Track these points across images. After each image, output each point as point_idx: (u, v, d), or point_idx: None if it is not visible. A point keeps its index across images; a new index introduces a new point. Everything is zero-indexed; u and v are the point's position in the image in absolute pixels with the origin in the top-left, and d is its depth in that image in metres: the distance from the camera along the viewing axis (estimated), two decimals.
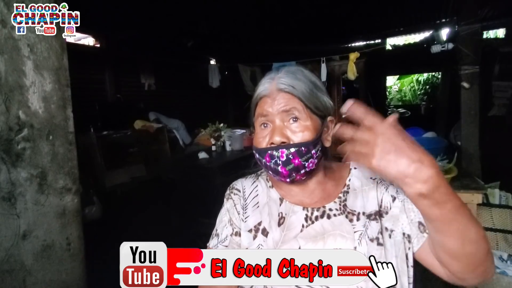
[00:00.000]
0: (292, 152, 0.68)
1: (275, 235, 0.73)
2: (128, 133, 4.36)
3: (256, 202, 0.79)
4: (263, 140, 0.73)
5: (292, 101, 0.71)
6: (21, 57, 1.11)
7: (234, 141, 3.75)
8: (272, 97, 0.72)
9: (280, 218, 0.75)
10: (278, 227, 0.74)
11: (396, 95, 10.07)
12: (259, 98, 0.75)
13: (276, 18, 4.37)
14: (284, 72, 0.74)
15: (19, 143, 1.08)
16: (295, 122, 0.71)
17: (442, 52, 3.47)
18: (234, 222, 0.78)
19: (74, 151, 1.24)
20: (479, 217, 2.16)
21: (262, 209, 0.78)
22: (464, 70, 2.66)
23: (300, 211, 0.74)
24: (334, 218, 0.72)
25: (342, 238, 0.69)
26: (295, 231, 0.72)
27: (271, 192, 0.80)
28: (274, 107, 0.71)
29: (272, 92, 0.72)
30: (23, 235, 1.09)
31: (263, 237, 0.73)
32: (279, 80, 0.72)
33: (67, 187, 1.21)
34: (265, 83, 0.74)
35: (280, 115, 0.71)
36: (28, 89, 1.11)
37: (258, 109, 0.75)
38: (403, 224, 0.70)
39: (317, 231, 0.71)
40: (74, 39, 4.64)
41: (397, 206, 0.72)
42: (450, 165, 2.07)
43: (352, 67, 4.40)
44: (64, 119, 1.21)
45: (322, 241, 0.70)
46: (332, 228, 0.71)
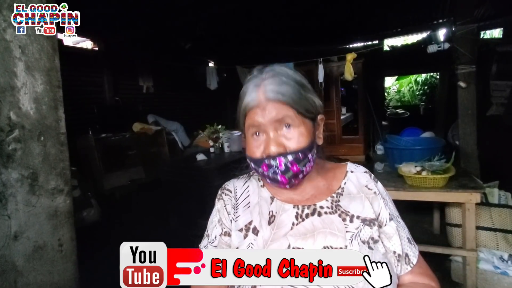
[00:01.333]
0: (290, 160, 0.68)
1: (265, 234, 0.72)
2: (127, 136, 4.36)
3: (248, 202, 0.79)
4: (257, 149, 0.71)
5: (283, 109, 0.68)
6: (12, 59, 1.11)
7: (232, 143, 3.74)
8: (261, 107, 0.69)
9: (271, 217, 0.74)
10: (268, 225, 0.73)
11: (394, 95, 10.08)
12: (248, 109, 0.71)
13: (274, 20, 4.38)
14: (269, 75, 0.71)
15: (10, 144, 1.08)
16: (288, 129, 0.69)
17: (439, 52, 3.47)
18: (224, 222, 0.78)
19: (66, 152, 1.24)
20: (478, 217, 2.15)
21: (253, 208, 0.77)
22: (461, 70, 2.66)
23: (291, 209, 0.74)
24: (325, 216, 0.72)
25: (332, 236, 0.69)
26: (285, 229, 0.72)
27: (262, 191, 0.80)
28: (266, 117, 0.68)
29: (261, 102, 0.69)
30: (14, 236, 1.08)
31: (253, 236, 0.73)
32: (266, 87, 0.69)
33: (59, 188, 1.21)
34: (251, 91, 0.71)
35: (273, 125, 0.69)
36: (20, 90, 1.11)
37: (248, 120, 0.72)
38: (395, 244, 0.71)
39: (307, 228, 0.71)
40: (73, 42, 4.66)
41: (393, 227, 0.73)
42: (448, 165, 2.06)
43: (349, 68, 4.40)
44: (56, 120, 1.20)
45: (312, 238, 0.69)
46: (322, 226, 0.70)
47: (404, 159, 2.22)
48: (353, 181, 0.78)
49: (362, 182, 0.78)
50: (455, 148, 2.79)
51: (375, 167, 2.52)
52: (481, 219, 2.20)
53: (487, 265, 2.03)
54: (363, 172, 0.81)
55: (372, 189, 0.77)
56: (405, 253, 0.72)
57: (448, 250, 2.18)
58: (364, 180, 0.79)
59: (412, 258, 0.73)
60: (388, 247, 0.71)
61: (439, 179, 1.96)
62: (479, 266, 2.03)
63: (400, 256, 0.71)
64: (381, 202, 0.75)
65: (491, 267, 2.01)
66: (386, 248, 0.70)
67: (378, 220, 0.73)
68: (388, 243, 0.71)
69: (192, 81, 5.83)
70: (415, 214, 3.15)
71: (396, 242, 0.71)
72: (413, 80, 9.21)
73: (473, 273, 2.00)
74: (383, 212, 0.74)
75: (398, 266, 0.71)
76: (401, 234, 0.73)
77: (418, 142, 2.42)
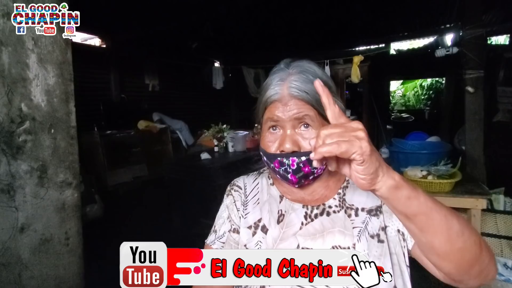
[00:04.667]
0: (303, 161, 0.66)
1: (274, 232, 0.72)
2: (132, 133, 4.37)
3: (257, 199, 0.79)
4: (272, 145, 0.70)
5: (304, 108, 0.67)
6: (25, 50, 1.11)
7: (237, 143, 3.74)
8: (283, 102, 0.67)
9: (280, 216, 0.74)
10: (277, 224, 0.73)
11: (399, 99, 10.04)
12: (269, 102, 0.70)
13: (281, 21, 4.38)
14: (296, 71, 0.69)
15: (20, 135, 1.08)
16: (306, 129, 0.68)
17: (447, 56, 3.46)
18: (233, 219, 0.78)
19: (75, 146, 1.24)
20: (483, 223, 2.13)
21: (263, 206, 0.77)
22: (469, 74, 2.64)
23: (300, 209, 0.73)
24: (333, 215, 0.71)
25: (341, 235, 0.68)
26: (294, 228, 0.71)
27: (272, 189, 0.79)
28: (286, 113, 0.67)
29: (284, 97, 0.67)
30: (21, 228, 1.08)
31: (262, 234, 0.73)
32: (291, 83, 0.67)
33: (68, 181, 1.21)
34: (276, 85, 0.69)
35: (292, 122, 0.67)
36: (31, 82, 1.12)
37: (268, 113, 0.70)
38: (396, 220, 0.68)
39: (316, 229, 0.70)
40: (81, 39, 4.69)
41: None
42: (454, 170, 2.04)
43: (356, 70, 4.40)
44: (66, 113, 1.21)
45: (321, 238, 0.68)
46: (331, 225, 0.70)
47: (410, 163, 2.21)
48: None
49: None
50: (461, 153, 2.77)
51: None
52: (486, 226, 2.18)
53: None
54: None
55: None
56: None
57: None
58: None
59: None
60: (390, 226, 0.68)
61: (445, 184, 1.95)
62: None
63: (403, 233, 0.68)
64: None
65: None
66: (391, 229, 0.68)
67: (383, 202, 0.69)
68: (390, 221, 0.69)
69: (197, 80, 5.84)
70: None
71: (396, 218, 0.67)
72: (418, 85, 9.17)
73: None
74: None
75: (405, 241, 0.67)
76: None
77: (424, 146, 2.41)
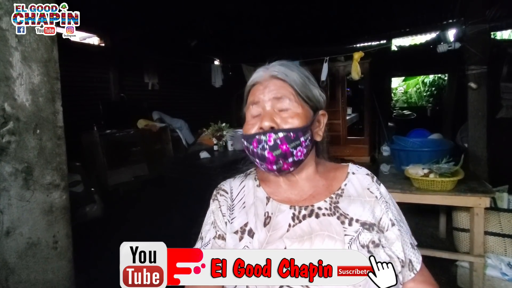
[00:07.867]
0: (280, 137, 0.66)
1: (261, 236, 0.69)
2: (131, 132, 4.36)
3: (243, 202, 0.76)
4: (252, 127, 0.71)
5: (284, 88, 0.71)
6: (8, 48, 1.08)
7: (236, 141, 3.71)
8: (264, 84, 0.72)
9: (266, 218, 0.71)
10: (263, 227, 0.70)
11: (401, 96, 9.95)
12: (251, 85, 0.75)
13: (282, 19, 4.34)
14: (277, 63, 0.75)
15: (4, 136, 1.05)
16: (285, 109, 0.70)
17: (449, 52, 3.39)
18: (218, 224, 0.74)
19: (63, 146, 1.20)
20: (486, 222, 2.09)
21: (249, 209, 0.74)
22: (472, 70, 2.59)
23: (287, 210, 0.71)
24: (322, 218, 0.69)
25: (330, 240, 0.65)
26: (281, 231, 0.68)
27: (258, 191, 0.77)
28: (266, 94, 0.71)
29: (265, 79, 0.72)
30: (6, 232, 1.05)
31: (249, 238, 0.69)
32: (273, 68, 0.73)
33: (55, 183, 1.17)
34: (259, 71, 0.75)
35: (271, 101, 0.70)
36: (15, 80, 1.08)
37: (250, 97, 0.74)
38: (397, 250, 0.68)
39: (304, 230, 0.67)
40: (80, 38, 4.67)
41: (395, 232, 0.70)
42: (456, 168, 2.00)
43: (356, 67, 4.34)
44: (53, 113, 1.17)
45: (309, 241, 0.66)
46: (319, 228, 0.67)
47: (411, 161, 2.17)
48: (354, 183, 0.75)
49: (364, 185, 0.75)
50: (464, 151, 2.72)
51: (381, 168, 2.47)
52: (490, 224, 2.14)
53: (495, 271, 1.97)
54: (365, 174, 0.78)
55: (374, 193, 0.74)
56: (408, 259, 0.69)
57: (455, 255, 2.12)
58: (365, 182, 0.76)
59: (415, 264, 0.70)
60: (390, 254, 0.67)
61: (447, 182, 1.90)
62: (486, 272, 1.97)
63: (403, 262, 0.68)
64: (383, 206, 0.72)
65: (499, 274, 1.95)
66: (388, 254, 0.66)
67: (379, 225, 0.69)
68: (390, 250, 0.68)
69: (197, 78, 5.82)
70: (421, 217, 3.09)
71: (398, 248, 0.68)
72: (421, 81, 9.08)
73: (480, 280, 1.94)
74: (384, 217, 0.71)
75: (401, 272, 0.67)
76: (405, 239, 0.70)
77: (426, 144, 2.35)
